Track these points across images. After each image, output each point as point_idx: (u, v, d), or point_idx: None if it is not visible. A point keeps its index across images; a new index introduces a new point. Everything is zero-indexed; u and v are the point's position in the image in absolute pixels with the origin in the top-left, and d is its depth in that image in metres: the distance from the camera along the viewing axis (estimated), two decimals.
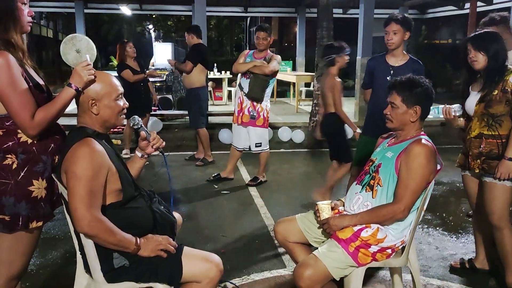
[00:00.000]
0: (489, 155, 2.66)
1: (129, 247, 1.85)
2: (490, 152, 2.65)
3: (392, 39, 3.35)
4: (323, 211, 2.30)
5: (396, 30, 3.33)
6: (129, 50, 6.28)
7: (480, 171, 2.72)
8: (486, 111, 2.65)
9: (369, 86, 3.63)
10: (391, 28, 3.34)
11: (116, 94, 1.94)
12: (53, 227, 3.74)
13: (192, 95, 5.90)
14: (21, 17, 1.88)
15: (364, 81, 3.73)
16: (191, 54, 5.82)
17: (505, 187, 2.63)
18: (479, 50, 2.61)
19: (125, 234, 1.84)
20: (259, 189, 4.98)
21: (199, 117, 5.95)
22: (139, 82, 6.29)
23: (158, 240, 1.92)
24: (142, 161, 2.24)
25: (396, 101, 2.28)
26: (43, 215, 1.94)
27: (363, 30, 9.15)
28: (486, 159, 2.66)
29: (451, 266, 3.13)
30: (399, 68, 3.37)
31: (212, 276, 1.95)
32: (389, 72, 3.39)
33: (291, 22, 20.90)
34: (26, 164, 1.87)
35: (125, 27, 28.19)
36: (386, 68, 3.43)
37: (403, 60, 3.45)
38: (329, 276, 2.13)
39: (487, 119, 2.65)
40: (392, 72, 3.38)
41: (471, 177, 2.88)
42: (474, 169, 2.75)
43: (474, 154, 2.72)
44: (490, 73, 2.63)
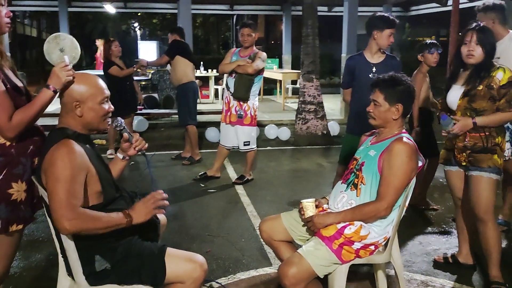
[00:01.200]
0: (474, 149, 2.68)
1: (121, 222, 1.81)
2: (475, 145, 2.67)
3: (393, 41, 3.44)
4: (307, 209, 2.31)
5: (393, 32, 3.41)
6: (114, 49, 6.19)
7: (467, 163, 2.73)
8: (469, 106, 2.67)
9: (349, 85, 3.63)
10: (394, 30, 3.40)
11: (101, 97, 1.91)
12: (37, 229, 3.69)
13: (180, 91, 5.88)
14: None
15: (344, 80, 3.70)
16: (168, 48, 5.91)
17: (491, 180, 2.66)
18: (481, 44, 2.61)
19: (110, 214, 1.80)
20: (246, 187, 4.98)
21: (187, 113, 5.92)
22: (125, 81, 6.20)
23: (147, 203, 1.88)
24: (124, 163, 2.22)
25: (378, 99, 2.30)
26: (23, 218, 1.92)
27: (348, 28, 9.21)
28: (472, 152, 2.69)
29: (434, 261, 3.16)
30: (380, 65, 3.45)
31: (196, 276, 1.94)
32: (371, 70, 3.43)
33: (277, 20, 20.92)
34: (4, 167, 1.84)
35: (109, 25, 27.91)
36: (367, 65, 3.46)
37: (381, 57, 3.50)
38: (314, 274, 2.14)
39: (470, 113, 2.67)
40: (374, 69, 3.42)
41: (454, 172, 2.89)
42: (461, 162, 2.76)
43: (459, 147, 2.74)
44: (479, 68, 2.64)
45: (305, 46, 7.38)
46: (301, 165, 6.08)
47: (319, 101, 7.40)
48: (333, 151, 6.92)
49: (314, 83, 7.37)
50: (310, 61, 7.36)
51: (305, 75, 7.40)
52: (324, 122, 7.44)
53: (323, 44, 7.99)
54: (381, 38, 3.40)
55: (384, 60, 3.48)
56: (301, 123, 7.38)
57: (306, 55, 7.38)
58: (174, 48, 5.81)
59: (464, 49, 2.67)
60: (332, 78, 16.47)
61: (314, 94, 7.36)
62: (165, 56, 5.78)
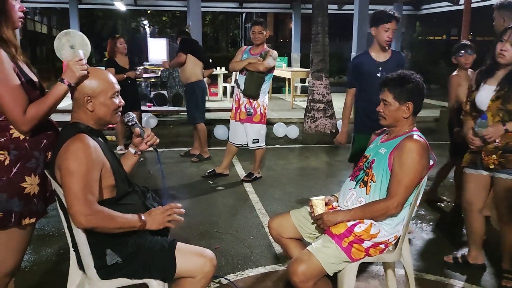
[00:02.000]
0: (506, 149, 2.63)
1: (135, 225, 1.86)
2: (507, 145, 2.62)
3: (392, 37, 3.34)
4: (317, 206, 2.31)
5: (396, 28, 3.34)
6: (120, 46, 6.19)
7: (495, 166, 2.68)
8: (503, 107, 2.62)
9: (354, 85, 3.59)
10: (393, 26, 3.32)
11: (112, 92, 1.92)
12: (47, 224, 3.73)
13: (189, 89, 5.91)
14: (12, 13, 1.87)
15: (349, 80, 3.64)
16: (180, 46, 5.94)
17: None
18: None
19: (125, 215, 1.84)
20: (254, 185, 4.98)
21: (195, 112, 5.94)
22: (126, 79, 6.11)
23: (162, 212, 1.93)
24: (136, 158, 2.23)
25: (388, 99, 2.29)
26: (36, 211, 1.94)
27: (358, 26, 9.19)
28: (503, 152, 2.63)
29: (444, 260, 3.15)
30: (387, 63, 3.39)
31: (206, 271, 1.95)
32: (378, 69, 3.38)
33: (286, 18, 20.90)
34: (18, 161, 1.86)
35: (119, 22, 28.05)
36: (374, 65, 3.40)
37: (387, 54, 3.44)
38: (323, 272, 2.14)
39: (503, 114, 2.63)
40: (381, 68, 3.37)
41: (477, 176, 2.84)
42: (489, 165, 2.70)
43: (488, 149, 2.68)
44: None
45: (315, 44, 7.37)
46: (310, 164, 6.07)
47: (328, 100, 7.38)
48: (341, 150, 6.90)
49: (324, 81, 7.35)
50: (320, 60, 7.34)
51: (315, 73, 7.39)
52: (333, 120, 7.43)
53: (332, 42, 7.96)
54: (378, 34, 3.34)
55: (390, 58, 3.43)
56: (310, 122, 7.36)
57: (316, 53, 7.36)
58: (186, 45, 5.86)
59: (498, 47, 2.64)
60: (341, 77, 16.44)
61: (323, 93, 7.34)
62: (181, 54, 5.78)
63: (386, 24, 3.30)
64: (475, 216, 2.91)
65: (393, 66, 3.33)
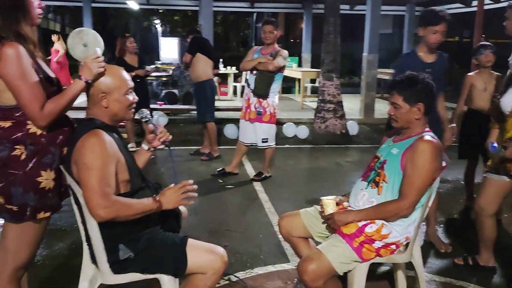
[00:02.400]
0: None
1: (152, 208, 1.89)
2: None
3: (441, 40, 3.14)
4: (327, 206, 2.31)
5: (444, 31, 3.14)
6: (129, 46, 6.20)
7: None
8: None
9: None
10: (442, 28, 3.12)
11: (126, 88, 1.95)
12: (60, 219, 3.77)
13: (199, 88, 5.93)
14: (31, 9, 1.90)
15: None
16: (188, 46, 5.95)
17: None
18: None
19: (141, 200, 1.88)
20: (264, 184, 5.00)
21: (205, 110, 5.97)
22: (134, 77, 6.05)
23: (176, 191, 1.96)
24: (148, 154, 2.26)
25: (398, 101, 2.28)
26: (51, 206, 1.97)
27: (370, 27, 9.13)
28: None
29: (454, 262, 3.14)
30: (434, 65, 3.22)
31: (217, 267, 1.97)
32: (425, 70, 3.09)
33: (297, 18, 20.87)
34: (34, 155, 1.89)
35: (131, 21, 28.18)
36: (421, 65, 3.18)
37: (435, 55, 3.28)
38: (333, 271, 2.14)
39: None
40: (430, 70, 3.11)
41: (497, 181, 2.81)
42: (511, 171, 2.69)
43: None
44: None
45: (326, 44, 7.35)
46: (319, 164, 6.07)
47: (338, 100, 7.37)
48: (351, 151, 6.90)
49: (334, 82, 7.34)
50: (331, 60, 7.33)
51: (325, 73, 7.37)
52: (343, 121, 7.41)
53: (343, 43, 7.94)
54: (426, 35, 3.16)
55: (437, 59, 3.26)
56: (320, 122, 7.35)
57: (327, 53, 7.35)
58: (195, 45, 5.87)
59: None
60: (352, 77, 16.38)
61: (334, 93, 7.33)
62: (187, 54, 5.82)
63: (434, 27, 3.10)
64: (487, 220, 2.90)
65: (440, 68, 3.21)
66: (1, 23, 1.82)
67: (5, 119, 1.88)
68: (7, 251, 1.97)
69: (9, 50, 1.77)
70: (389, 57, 17.67)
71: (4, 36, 1.81)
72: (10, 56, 1.77)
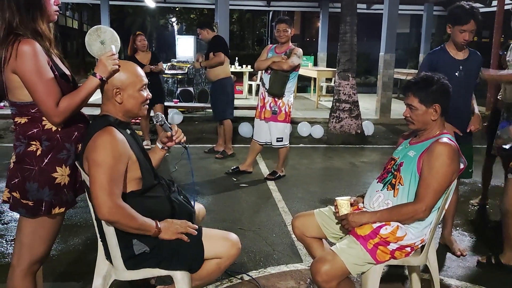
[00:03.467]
0: None
1: (150, 231, 1.89)
2: None
3: (469, 39, 3.02)
4: (342, 207, 2.28)
5: (474, 29, 3.01)
6: (138, 44, 6.21)
7: None
8: None
9: None
10: (470, 27, 2.99)
11: (140, 85, 1.96)
12: (75, 214, 3.81)
13: (219, 86, 5.88)
14: (47, 6, 1.91)
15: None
16: (218, 45, 5.80)
17: None
18: None
19: (145, 218, 1.88)
20: (278, 183, 4.98)
21: (226, 108, 5.93)
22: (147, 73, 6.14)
23: (177, 224, 1.97)
24: (163, 152, 2.27)
25: (414, 103, 2.24)
26: (66, 201, 1.98)
27: (387, 26, 9.03)
28: None
29: (478, 261, 3.12)
30: (466, 62, 3.13)
31: (233, 253, 2.03)
32: (458, 67, 3.10)
33: (314, 16, 20.76)
34: (50, 151, 1.91)
35: (148, 19, 28.40)
36: (453, 62, 3.11)
37: (465, 53, 3.16)
38: (347, 272, 2.12)
39: None
40: (461, 67, 3.10)
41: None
42: None
43: None
44: None
45: (343, 44, 7.30)
46: (334, 164, 6.02)
47: (354, 100, 7.31)
48: (367, 151, 6.84)
49: (350, 81, 7.28)
50: (347, 59, 7.27)
51: (341, 73, 7.32)
52: (359, 121, 7.35)
53: (359, 42, 7.88)
54: (453, 34, 3.07)
55: (469, 57, 3.15)
56: (335, 122, 7.31)
57: (343, 52, 7.29)
58: (223, 44, 5.84)
59: None
60: (367, 77, 16.25)
61: (350, 93, 7.27)
62: (221, 54, 5.69)
63: (462, 26, 2.99)
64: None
65: (473, 66, 3.12)
66: (18, 20, 1.84)
67: (21, 115, 1.90)
68: (22, 245, 1.99)
69: (25, 47, 1.79)
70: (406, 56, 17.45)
71: (21, 33, 1.83)
72: (26, 53, 1.78)
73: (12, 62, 1.79)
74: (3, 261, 3.03)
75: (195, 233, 1.97)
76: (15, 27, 1.83)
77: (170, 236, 1.93)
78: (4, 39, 1.83)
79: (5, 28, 1.84)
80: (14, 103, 1.89)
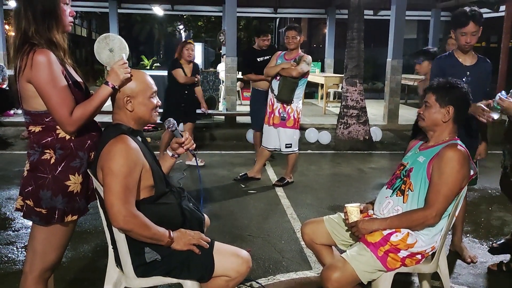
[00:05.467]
0: None
1: (163, 240, 1.89)
2: None
3: (471, 41, 3.02)
4: (351, 213, 2.28)
5: (475, 31, 3.00)
6: (184, 52, 5.69)
7: None
8: None
9: None
10: (471, 29, 2.98)
11: (150, 92, 1.98)
12: (85, 222, 3.83)
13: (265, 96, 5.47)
14: (63, 17, 1.94)
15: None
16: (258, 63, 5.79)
17: None
18: None
19: (158, 227, 1.88)
20: (286, 189, 4.98)
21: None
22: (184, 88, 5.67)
23: (190, 235, 1.96)
24: (173, 160, 2.28)
25: (430, 100, 2.27)
26: (78, 209, 2.00)
27: (394, 32, 9.03)
28: None
29: (488, 268, 3.10)
30: (474, 68, 3.10)
31: (242, 271, 2.00)
32: (465, 73, 3.07)
33: (321, 23, 20.79)
34: (63, 160, 1.93)
35: (156, 27, 28.59)
36: (461, 68, 3.09)
37: (474, 59, 3.14)
38: (357, 280, 2.11)
39: None
40: (469, 73, 3.08)
41: None
42: None
43: None
44: None
45: (350, 50, 7.31)
46: (342, 170, 6.01)
47: (362, 106, 7.31)
48: (375, 157, 6.82)
49: (358, 87, 7.28)
50: (354, 65, 7.28)
51: (349, 79, 7.33)
52: (367, 127, 7.34)
53: (366, 48, 7.88)
54: (456, 38, 3.07)
55: (477, 63, 3.13)
56: (342, 128, 7.30)
57: (350, 59, 7.30)
58: None
59: None
60: (375, 83, 16.21)
61: (357, 99, 7.27)
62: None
63: (462, 29, 2.99)
64: None
65: (480, 72, 3.10)
66: (33, 29, 1.87)
67: (36, 124, 1.92)
68: (35, 253, 2.01)
69: (40, 57, 1.81)
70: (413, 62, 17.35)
71: (36, 42, 1.86)
72: (41, 62, 1.81)
73: (27, 72, 1.82)
74: (15, 268, 3.05)
75: (207, 246, 1.97)
76: (31, 37, 1.86)
77: (181, 247, 1.93)
78: (19, 48, 1.86)
79: (20, 36, 1.87)
80: (28, 112, 1.92)
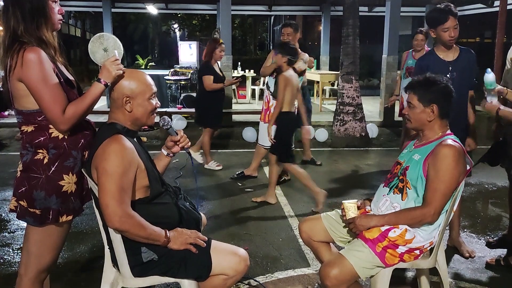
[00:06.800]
0: None
1: (159, 240, 1.87)
2: None
3: (455, 35, 3.03)
4: (349, 210, 2.27)
5: (455, 24, 3.02)
6: (218, 53, 5.33)
7: None
8: None
9: None
10: (452, 23, 3.00)
11: (150, 93, 1.95)
12: (81, 222, 3.81)
13: None
14: (52, 15, 1.92)
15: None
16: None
17: None
18: None
19: (154, 227, 1.86)
20: (283, 187, 4.97)
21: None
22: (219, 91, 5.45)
23: (187, 234, 1.95)
24: (168, 159, 2.26)
25: (413, 101, 2.25)
26: (73, 209, 1.98)
27: (389, 28, 9.03)
28: None
29: (486, 263, 3.10)
30: (456, 62, 3.11)
31: (240, 270, 1.99)
32: (447, 69, 3.08)
33: (315, 20, 20.79)
34: (57, 159, 1.90)
35: (150, 26, 28.51)
36: (442, 65, 3.10)
37: (455, 52, 3.14)
38: (356, 276, 2.10)
39: None
40: (451, 68, 3.09)
41: None
42: None
43: None
44: None
45: (345, 47, 7.30)
46: (338, 167, 6.00)
47: (358, 103, 7.30)
48: (371, 154, 6.82)
49: (353, 84, 7.28)
50: (350, 62, 7.27)
51: (344, 76, 7.32)
52: (363, 124, 7.34)
53: (362, 45, 7.87)
54: (438, 35, 3.06)
55: (459, 56, 3.13)
56: (339, 125, 7.30)
57: (346, 55, 7.29)
58: None
59: None
60: (370, 80, 16.23)
61: (353, 96, 7.26)
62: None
63: (443, 25, 3.01)
64: None
65: (464, 65, 3.10)
66: (22, 28, 1.84)
67: (28, 123, 1.90)
68: (30, 254, 1.99)
69: (30, 55, 1.79)
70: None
71: (26, 41, 1.83)
72: (32, 60, 1.79)
73: (18, 70, 1.79)
74: (10, 269, 3.02)
75: (204, 245, 1.95)
76: (20, 35, 1.84)
77: (178, 246, 1.91)
78: (9, 47, 1.83)
79: (10, 36, 1.85)
80: (20, 111, 1.90)
